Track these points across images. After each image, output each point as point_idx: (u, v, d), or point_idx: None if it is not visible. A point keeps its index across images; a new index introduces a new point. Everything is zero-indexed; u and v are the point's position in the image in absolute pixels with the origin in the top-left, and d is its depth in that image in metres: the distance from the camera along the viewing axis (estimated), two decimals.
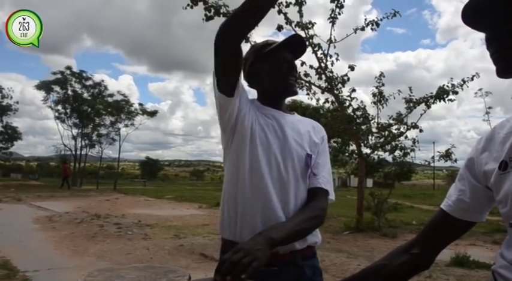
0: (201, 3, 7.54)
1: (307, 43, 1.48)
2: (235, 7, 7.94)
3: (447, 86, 9.53)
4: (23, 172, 59.87)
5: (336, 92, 9.16)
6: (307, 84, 9.28)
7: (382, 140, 10.34)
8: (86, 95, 36.53)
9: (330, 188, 1.42)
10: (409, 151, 10.22)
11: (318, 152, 1.45)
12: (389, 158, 10.87)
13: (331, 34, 8.66)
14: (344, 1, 8.45)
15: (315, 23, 8.55)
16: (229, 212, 1.40)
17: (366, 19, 8.74)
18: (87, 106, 35.66)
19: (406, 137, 10.19)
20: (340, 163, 23.99)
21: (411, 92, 10.06)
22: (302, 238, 1.34)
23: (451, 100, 9.60)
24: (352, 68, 9.00)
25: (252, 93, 1.52)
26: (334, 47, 8.77)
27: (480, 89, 15.95)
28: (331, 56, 8.79)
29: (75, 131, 36.95)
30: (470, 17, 0.88)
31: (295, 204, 1.36)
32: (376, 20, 8.65)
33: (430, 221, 1.09)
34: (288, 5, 8.22)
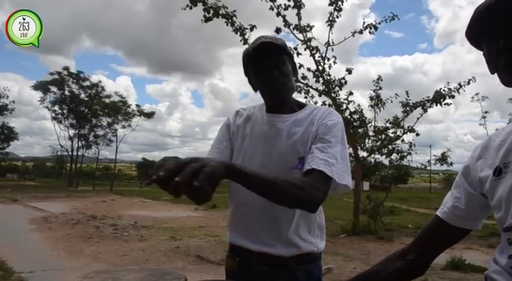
0: (200, 4, 7.55)
1: (287, 45, 1.31)
2: (233, 8, 7.95)
3: (444, 90, 9.59)
4: (19, 172, 59.66)
5: (333, 95, 9.19)
6: (305, 87, 9.30)
7: (378, 143, 10.38)
8: (83, 95, 36.49)
9: (325, 167, 1.19)
10: (405, 154, 10.27)
11: (314, 142, 1.30)
12: (386, 162, 10.92)
13: (329, 37, 8.70)
14: (342, 4, 8.50)
15: (313, 26, 8.58)
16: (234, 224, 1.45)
17: (364, 22, 8.77)
18: (84, 107, 35.62)
19: (402, 140, 10.25)
20: None
21: (408, 96, 10.13)
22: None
23: (447, 104, 9.67)
24: (349, 71, 9.03)
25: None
26: (332, 50, 8.81)
27: (477, 94, 16.08)
28: (328, 59, 8.83)
29: (71, 131, 36.98)
30: (485, 22, 0.82)
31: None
32: (374, 23, 8.68)
33: (425, 228, 1.10)
34: (286, 8, 8.24)
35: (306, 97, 9.61)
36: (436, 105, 9.67)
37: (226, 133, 1.47)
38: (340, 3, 8.47)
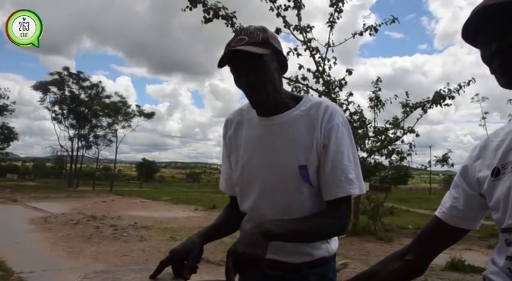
0: (200, 5, 7.55)
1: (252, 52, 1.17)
2: (234, 9, 7.92)
3: (444, 91, 9.59)
4: (19, 172, 59.64)
5: (333, 96, 9.17)
6: (305, 87, 9.31)
7: (378, 144, 10.37)
8: (83, 96, 36.51)
9: (349, 188, 1.19)
10: (405, 155, 10.27)
11: (323, 155, 1.21)
12: (385, 162, 10.93)
13: (329, 38, 8.69)
14: (343, 5, 8.50)
15: (313, 26, 8.57)
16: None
17: (364, 24, 8.77)
18: (84, 107, 35.64)
19: (402, 141, 10.25)
20: None
21: (408, 97, 10.14)
22: (310, 241, 1.24)
23: (447, 105, 9.67)
24: (349, 72, 9.03)
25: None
26: (332, 51, 8.80)
27: (477, 95, 16.08)
28: (329, 60, 8.82)
29: (71, 132, 36.98)
30: (479, 24, 0.84)
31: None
32: (374, 25, 8.68)
33: (424, 228, 1.10)
34: (286, 9, 8.24)
35: None
36: (436, 106, 9.67)
37: (225, 151, 1.42)
38: (341, 4, 8.48)
